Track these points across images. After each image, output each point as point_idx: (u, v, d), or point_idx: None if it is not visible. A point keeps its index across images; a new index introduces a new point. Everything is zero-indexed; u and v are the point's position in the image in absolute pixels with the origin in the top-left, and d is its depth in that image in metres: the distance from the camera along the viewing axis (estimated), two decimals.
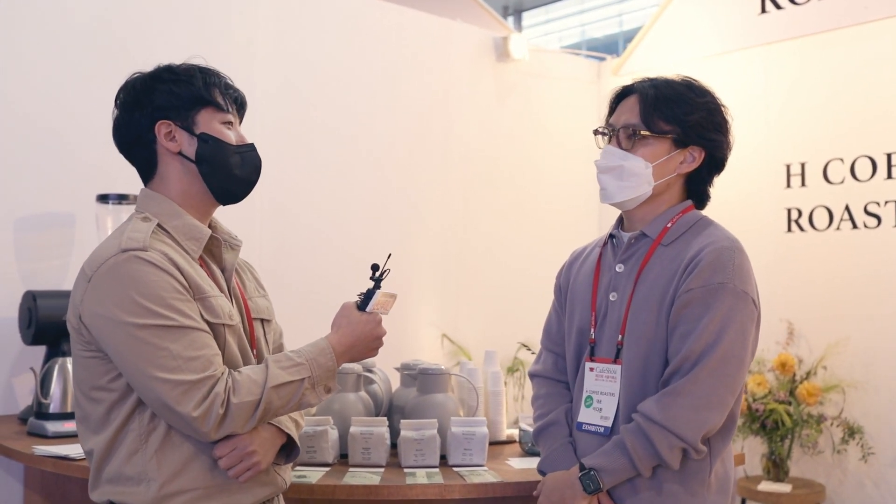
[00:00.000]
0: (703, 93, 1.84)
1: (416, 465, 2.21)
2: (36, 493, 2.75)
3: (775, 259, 4.02)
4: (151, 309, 1.48)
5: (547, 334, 2.04)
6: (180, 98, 1.65)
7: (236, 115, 1.73)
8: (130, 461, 1.54)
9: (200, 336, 1.52)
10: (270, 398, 1.54)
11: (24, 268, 3.04)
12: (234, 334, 1.63)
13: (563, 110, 4.82)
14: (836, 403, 3.78)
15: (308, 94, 3.89)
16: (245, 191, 1.73)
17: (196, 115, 1.66)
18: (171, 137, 1.65)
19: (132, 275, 1.50)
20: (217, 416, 1.48)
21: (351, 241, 3.90)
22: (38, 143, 3.11)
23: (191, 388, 1.47)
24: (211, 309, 1.58)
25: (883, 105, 3.81)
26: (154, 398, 1.49)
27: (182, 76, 1.66)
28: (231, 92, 1.72)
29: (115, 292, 1.50)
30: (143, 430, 1.54)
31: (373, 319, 1.69)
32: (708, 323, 1.68)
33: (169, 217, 1.64)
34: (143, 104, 1.65)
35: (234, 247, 1.75)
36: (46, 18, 3.15)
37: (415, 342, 4.15)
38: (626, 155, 1.80)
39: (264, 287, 1.90)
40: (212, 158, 1.65)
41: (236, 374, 1.54)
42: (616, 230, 1.91)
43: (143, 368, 1.48)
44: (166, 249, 1.57)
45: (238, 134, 1.72)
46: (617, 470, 1.71)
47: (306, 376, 1.59)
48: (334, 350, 1.64)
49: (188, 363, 1.48)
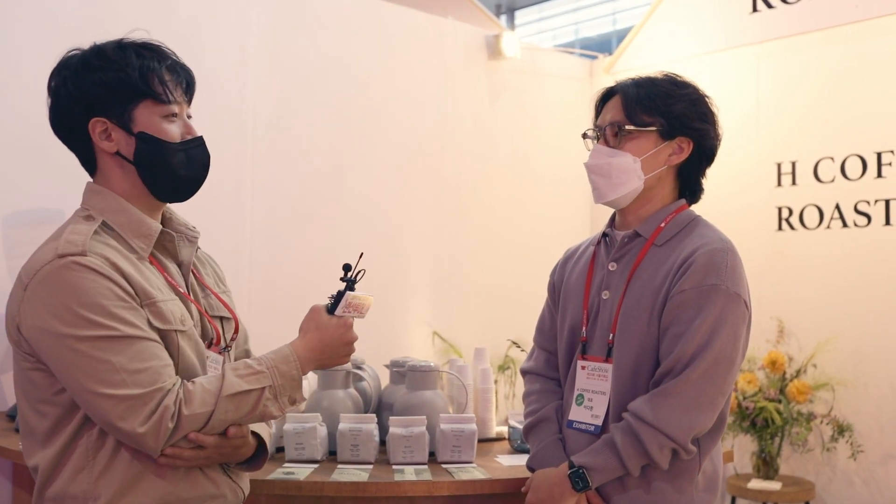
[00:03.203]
0: (684, 85, 1.85)
1: (404, 462, 2.20)
2: (25, 492, 2.74)
3: (766, 257, 4.03)
4: (91, 319, 1.36)
5: (539, 332, 2.05)
6: (114, 92, 1.47)
7: (183, 99, 1.55)
8: (76, 479, 1.43)
9: (147, 346, 1.40)
10: (226, 408, 1.42)
11: (12, 264, 3.03)
12: (189, 339, 1.51)
13: (555, 108, 4.82)
14: (825, 401, 3.79)
15: (300, 91, 3.88)
16: (191, 189, 1.58)
17: (133, 111, 1.49)
18: (106, 136, 1.50)
19: (70, 282, 1.37)
20: (166, 430, 1.37)
21: (343, 238, 3.89)
22: (26, 138, 3.08)
23: (136, 402, 1.35)
24: (160, 315, 1.45)
25: (874, 104, 3.82)
26: (97, 414, 1.38)
27: (114, 63, 1.47)
28: (175, 76, 1.53)
29: (52, 302, 1.37)
30: (91, 447, 1.43)
31: (343, 324, 1.56)
32: (700, 324, 1.68)
33: (114, 213, 1.50)
34: (74, 96, 1.48)
35: (191, 239, 1.62)
36: (33, 14, 3.13)
37: (405, 340, 4.15)
38: (614, 152, 1.81)
39: (225, 282, 1.77)
40: (152, 160, 1.50)
41: (189, 385, 1.42)
42: (609, 229, 1.91)
43: (84, 383, 1.36)
44: (109, 252, 1.43)
45: (185, 125, 1.55)
46: (606, 468, 1.71)
47: (266, 385, 1.46)
48: (299, 357, 1.51)
49: (133, 376, 1.36)
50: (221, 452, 1.49)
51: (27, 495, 2.72)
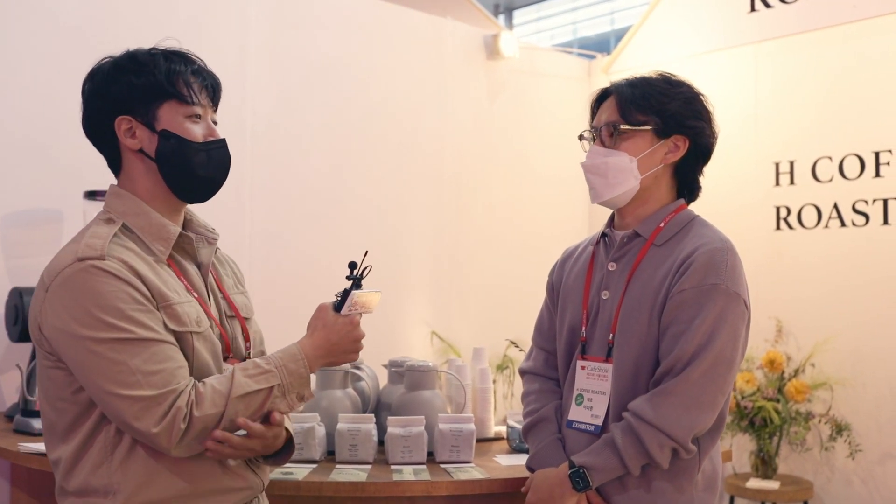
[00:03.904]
0: (678, 83, 1.85)
1: (403, 462, 2.20)
2: (23, 492, 2.73)
3: (764, 257, 4.03)
4: (109, 322, 1.41)
5: (538, 332, 2.05)
6: (140, 91, 1.52)
7: (208, 104, 1.60)
8: (96, 473, 1.48)
9: (162, 348, 1.44)
10: (236, 408, 1.46)
11: (11, 264, 3.03)
12: (205, 341, 1.54)
13: (553, 108, 4.82)
14: (824, 401, 3.79)
15: (299, 91, 3.88)
16: (210, 190, 1.62)
17: (157, 110, 1.54)
18: (131, 134, 1.55)
19: (89, 286, 1.42)
20: (178, 431, 1.41)
21: (343, 238, 3.89)
22: (26, 139, 3.09)
23: (150, 403, 1.40)
24: (176, 317, 1.49)
25: (871, 103, 3.82)
26: (114, 414, 1.43)
27: (143, 65, 1.53)
28: (201, 80, 1.58)
29: (71, 305, 1.43)
30: (109, 443, 1.47)
31: (349, 322, 1.58)
32: (700, 324, 1.68)
33: (134, 216, 1.55)
34: (103, 96, 1.54)
35: (210, 241, 1.66)
36: (33, 14, 3.13)
37: (404, 340, 4.15)
38: (610, 152, 1.82)
39: (244, 283, 1.81)
40: (173, 157, 1.54)
41: (200, 386, 1.46)
42: (608, 229, 1.91)
43: (101, 384, 1.41)
44: (127, 256, 1.48)
45: (208, 127, 1.59)
46: (606, 468, 1.71)
47: (275, 384, 1.50)
48: (307, 355, 1.54)
49: (147, 378, 1.41)
50: (265, 443, 1.53)
51: (25, 495, 2.72)
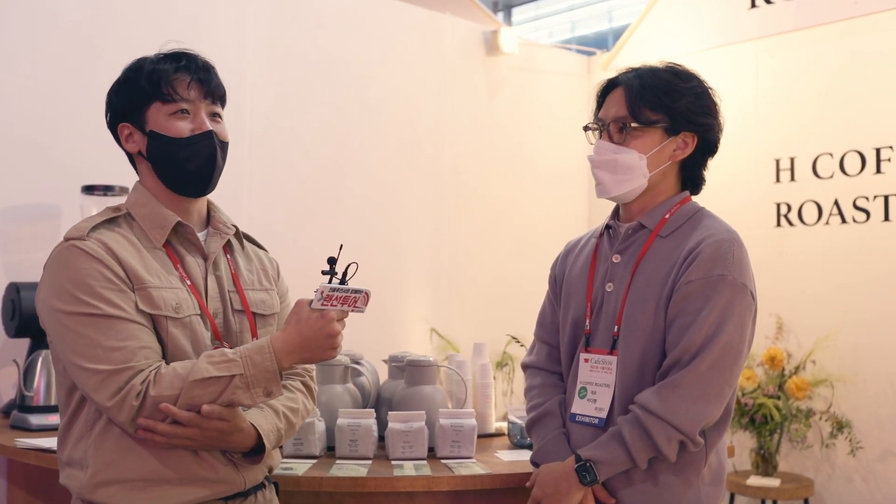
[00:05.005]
0: (688, 77, 1.83)
1: (403, 458, 2.19)
2: (19, 488, 2.71)
3: (764, 254, 4.02)
4: (78, 297, 1.49)
5: (541, 325, 2.03)
6: (127, 97, 1.63)
7: (199, 97, 1.63)
8: (77, 446, 1.56)
9: (127, 327, 1.49)
10: (193, 393, 1.47)
11: (8, 260, 3.01)
12: (183, 327, 1.57)
13: (552, 104, 4.81)
14: (824, 398, 3.78)
15: (298, 88, 3.86)
16: (201, 182, 1.65)
17: (145, 113, 1.62)
18: (130, 139, 1.65)
19: (66, 263, 1.52)
20: (131, 408, 1.45)
21: (342, 235, 3.84)
22: (24, 134, 3.08)
23: (107, 377, 1.46)
24: (149, 300, 1.53)
25: (872, 100, 3.82)
26: (79, 385, 1.51)
27: (132, 72, 1.63)
28: (188, 75, 1.61)
29: (51, 280, 1.53)
30: (90, 418, 1.54)
31: (322, 316, 1.54)
32: (707, 315, 1.67)
33: (139, 206, 1.64)
34: (110, 107, 1.67)
35: (222, 234, 1.71)
36: (33, 13, 3.11)
37: (404, 336, 4.13)
38: (619, 148, 1.79)
39: (276, 282, 1.84)
40: (161, 156, 1.62)
41: (163, 368, 1.50)
42: (612, 220, 1.90)
43: (68, 356, 1.50)
44: (109, 238, 1.55)
45: (197, 121, 1.63)
46: (614, 461, 1.70)
47: (237, 374, 1.50)
48: (276, 349, 1.52)
49: (108, 353, 1.47)
50: (205, 435, 1.51)
51: (21, 491, 2.70)
